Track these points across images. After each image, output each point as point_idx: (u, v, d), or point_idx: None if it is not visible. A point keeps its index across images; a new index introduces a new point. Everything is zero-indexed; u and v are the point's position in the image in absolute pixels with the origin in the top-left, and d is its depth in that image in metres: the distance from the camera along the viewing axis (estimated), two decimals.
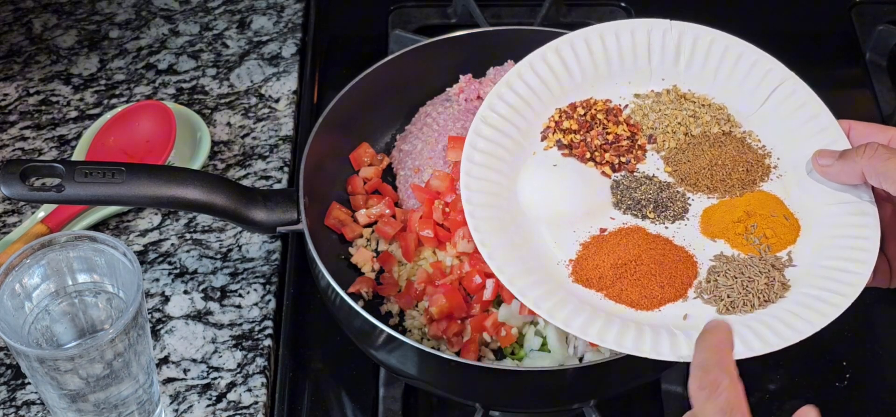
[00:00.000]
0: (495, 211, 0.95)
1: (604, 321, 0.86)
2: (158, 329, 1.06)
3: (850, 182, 0.91)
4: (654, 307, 0.89)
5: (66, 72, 1.29)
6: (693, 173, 0.98)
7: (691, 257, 0.92)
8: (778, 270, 0.90)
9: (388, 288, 1.06)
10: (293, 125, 1.25)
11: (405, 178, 1.13)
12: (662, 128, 1.01)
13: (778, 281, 0.89)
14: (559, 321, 0.86)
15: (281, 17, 1.36)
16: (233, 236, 1.13)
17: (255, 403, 1.01)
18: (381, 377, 1.03)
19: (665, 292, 0.89)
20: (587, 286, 0.91)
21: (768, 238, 0.92)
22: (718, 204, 0.96)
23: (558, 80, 1.02)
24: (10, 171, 0.97)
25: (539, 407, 1.00)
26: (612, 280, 0.90)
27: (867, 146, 0.88)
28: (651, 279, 0.90)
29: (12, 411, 1.00)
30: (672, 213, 0.95)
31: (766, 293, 0.88)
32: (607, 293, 0.90)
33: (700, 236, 0.94)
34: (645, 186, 0.97)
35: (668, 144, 1.00)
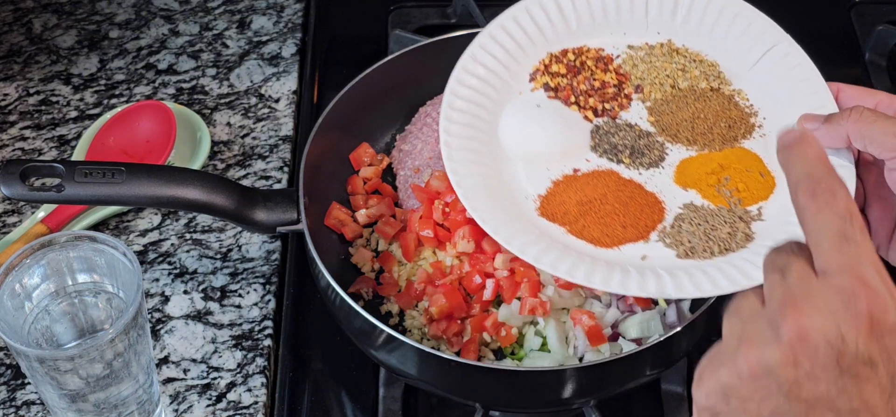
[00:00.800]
0: (473, 143, 0.95)
1: (574, 259, 0.87)
2: (158, 329, 1.06)
3: (835, 146, 0.89)
4: (614, 245, 0.90)
5: (66, 72, 1.29)
6: (675, 124, 0.98)
7: (660, 203, 0.93)
8: (744, 222, 0.90)
9: (388, 288, 1.06)
10: (293, 125, 1.25)
11: (405, 178, 1.13)
12: (650, 79, 1.01)
13: (741, 232, 0.89)
14: (530, 257, 0.86)
15: (281, 17, 1.36)
16: (233, 236, 1.13)
17: (255, 403, 1.01)
18: (381, 377, 1.03)
19: (627, 232, 0.90)
20: (551, 220, 0.91)
21: (740, 192, 0.92)
22: (696, 156, 0.96)
23: (553, 26, 1.03)
24: (10, 171, 0.97)
25: (539, 407, 1.00)
26: (575, 216, 0.91)
27: (853, 110, 0.86)
28: (614, 217, 0.91)
29: (12, 411, 1.00)
30: (648, 160, 0.96)
31: (727, 242, 0.88)
32: (570, 229, 0.91)
33: (672, 185, 0.94)
34: (624, 132, 0.97)
35: (654, 95, 1.00)
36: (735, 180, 0.93)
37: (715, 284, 0.85)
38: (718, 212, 0.91)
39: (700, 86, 1.00)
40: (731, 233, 0.89)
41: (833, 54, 1.35)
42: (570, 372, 0.93)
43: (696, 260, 0.88)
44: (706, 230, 0.89)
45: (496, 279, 1.02)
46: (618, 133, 0.97)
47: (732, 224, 0.90)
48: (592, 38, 1.04)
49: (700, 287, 0.85)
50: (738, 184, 0.93)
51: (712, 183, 0.93)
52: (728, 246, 0.89)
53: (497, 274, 1.03)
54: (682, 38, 1.03)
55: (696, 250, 0.89)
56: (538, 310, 1.00)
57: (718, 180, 0.93)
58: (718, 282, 0.85)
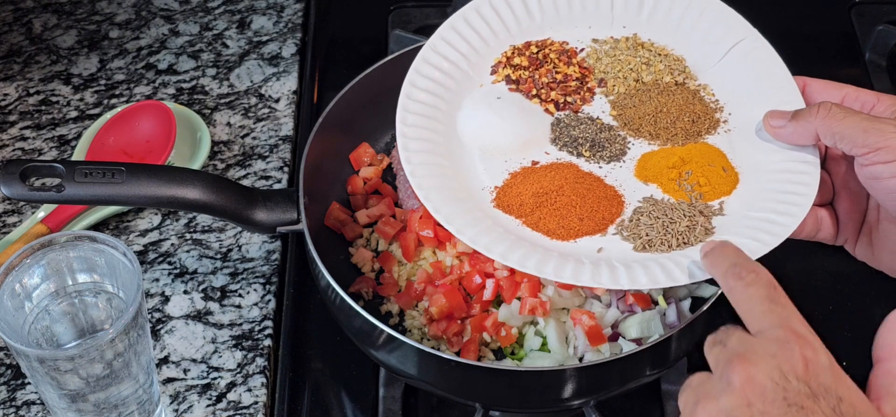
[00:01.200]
0: (429, 133, 0.95)
1: (526, 250, 0.86)
2: (158, 329, 1.06)
3: (803, 143, 0.89)
4: (571, 238, 0.89)
5: (66, 72, 1.29)
6: (637, 118, 0.97)
7: (619, 197, 0.92)
8: (705, 216, 0.89)
9: (388, 288, 1.06)
10: (293, 125, 1.25)
11: (405, 178, 1.13)
12: (614, 73, 1.00)
13: (701, 226, 0.88)
14: (481, 246, 0.86)
15: (281, 17, 1.36)
16: (233, 236, 1.13)
17: (255, 403, 1.01)
18: (381, 377, 1.03)
19: (584, 224, 0.90)
20: (506, 212, 0.91)
21: (701, 186, 0.91)
22: (658, 150, 0.95)
23: (517, 19, 1.02)
24: (10, 171, 0.97)
25: (539, 407, 1.00)
26: (531, 208, 0.90)
27: (820, 106, 0.86)
28: (571, 210, 0.90)
29: (12, 411, 1.00)
30: (609, 154, 0.95)
31: (686, 235, 0.87)
32: (525, 221, 0.90)
33: (633, 179, 0.93)
34: (585, 125, 0.97)
35: (617, 88, 1.00)
36: (697, 174, 0.92)
37: (669, 275, 0.84)
38: (678, 206, 0.90)
39: (664, 80, 0.99)
40: (690, 227, 0.88)
41: (833, 54, 1.35)
42: (570, 372, 0.93)
43: (653, 253, 0.87)
44: (665, 223, 0.88)
45: (496, 279, 1.02)
46: (579, 126, 0.97)
47: (692, 218, 0.88)
48: (557, 31, 1.03)
49: (654, 279, 0.84)
50: (700, 179, 0.91)
51: (674, 177, 0.92)
52: (687, 240, 0.87)
53: (497, 274, 1.03)
54: (647, 32, 1.03)
55: (653, 243, 0.87)
56: (538, 310, 1.00)
57: (680, 175, 0.92)
58: (673, 274, 0.84)
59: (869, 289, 1.11)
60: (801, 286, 1.11)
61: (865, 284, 1.12)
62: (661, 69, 1.00)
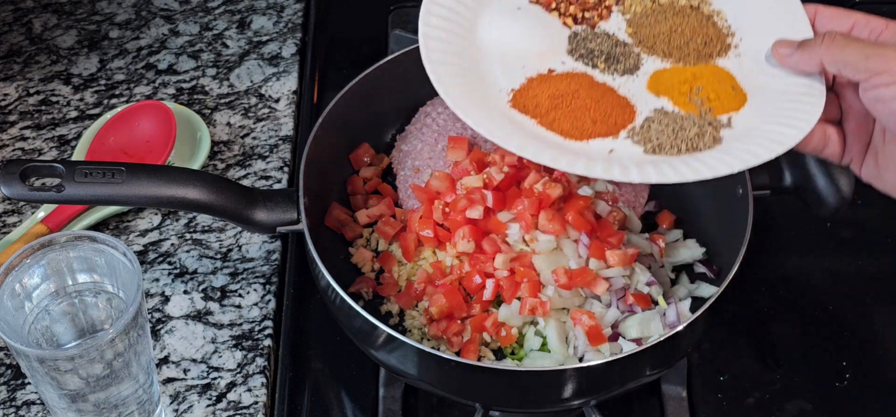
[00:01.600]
0: (451, 36, 0.97)
1: (541, 145, 0.89)
2: (158, 329, 1.06)
3: (809, 71, 0.92)
4: (584, 139, 0.92)
5: (66, 72, 1.29)
6: (652, 36, 0.99)
7: (631, 106, 0.94)
8: (713, 127, 0.92)
9: (388, 288, 1.06)
10: (293, 125, 1.25)
11: (405, 178, 1.13)
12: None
13: (710, 135, 0.91)
14: (498, 139, 0.88)
15: (281, 17, 1.36)
16: (233, 236, 1.13)
17: (255, 403, 1.01)
18: (381, 377, 1.03)
19: (597, 127, 0.92)
20: (523, 112, 0.93)
21: (711, 100, 0.94)
22: (670, 68, 0.97)
23: None
24: (10, 171, 0.97)
25: (539, 407, 1.00)
26: (546, 109, 0.93)
27: (825, 36, 0.89)
28: (584, 112, 0.93)
29: (12, 411, 1.00)
30: (623, 67, 0.97)
31: (695, 141, 0.91)
32: (541, 121, 0.92)
33: (645, 92, 0.96)
34: (602, 39, 0.99)
35: (634, 8, 1.01)
36: (707, 90, 0.94)
37: (678, 173, 0.87)
38: (688, 116, 0.92)
39: (680, 3, 1.01)
40: (699, 134, 0.91)
41: None
42: (570, 372, 0.93)
43: (662, 156, 0.90)
44: (674, 129, 0.91)
45: (496, 279, 1.02)
46: (595, 40, 0.98)
47: (701, 127, 0.91)
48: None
49: (663, 175, 0.87)
50: (710, 94, 0.94)
51: (685, 91, 0.95)
52: (695, 145, 0.90)
53: (497, 274, 1.03)
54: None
55: (663, 147, 0.90)
56: (538, 310, 1.00)
57: (691, 89, 0.95)
58: (682, 171, 0.87)
59: (869, 289, 1.11)
60: (802, 285, 1.11)
61: (865, 284, 1.12)
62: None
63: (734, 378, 1.04)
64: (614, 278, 1.03)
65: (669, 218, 1.11)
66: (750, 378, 1.05)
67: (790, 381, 1.05)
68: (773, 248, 1.14)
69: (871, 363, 1.07)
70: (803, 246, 1.16)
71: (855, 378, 1.05)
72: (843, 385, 1.04)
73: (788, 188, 1.05)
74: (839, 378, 1.05)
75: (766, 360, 1.06)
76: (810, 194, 1.03)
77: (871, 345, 1.08)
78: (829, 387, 1.04)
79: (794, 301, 1.11)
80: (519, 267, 1.02)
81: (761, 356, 1.07)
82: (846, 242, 1.16)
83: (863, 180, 0.94)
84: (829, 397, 1.03)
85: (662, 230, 1.10)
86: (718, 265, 1.05)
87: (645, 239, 1.07)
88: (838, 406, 1.03)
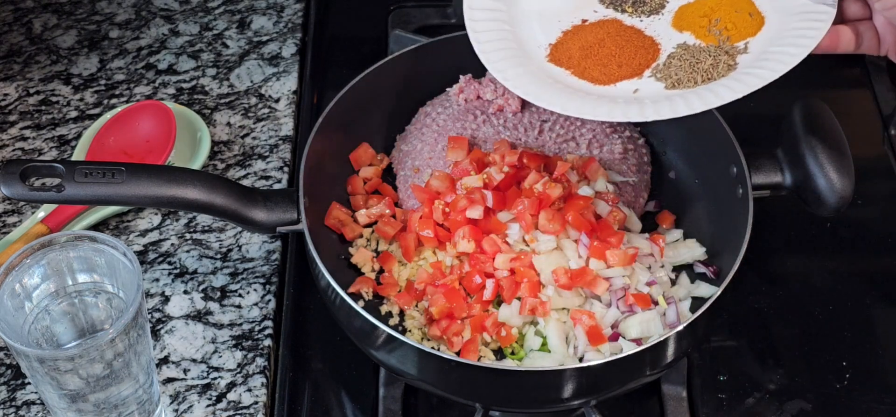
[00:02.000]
0: (493, 2, 1.05)
1: (569, 96, 0.97)
2: (158, 329, 1.06)
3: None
4: (611, 83, 1.00)
5: (66, 72, 1.29)
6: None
7: (656, 45, 1.02)
8: (729, 55, 0.99)
9: (388, 288, 1.06)
10: (293, 125, 1.25)
11: (405, 178, 1.13)
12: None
13: (724, 63, 0.98)
14: (531, 96, 0.97)
15: (281, 17, 1.36)
16: (233, 236, 1.13)
17: (255, 403, 1.01)
18: (381, 377, 1.03)
19: (622, 70, 1.01)
20: (558, 65, 1.02)
21: (729, 30, 1.01)
22: (693, 3, 1.04)
23: None
24: (10, 171, 0.97)
25: (539, 407, 1.00)
26: (578, 59, 1.02)
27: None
28: (611, 59, 1.01)
29: (12, 411, 1.00)
30: (649, 8, 1.06)
31: (710, 72, 0.98)
32: (574, 71, 1.01)
33: (670, 29, 1.04)
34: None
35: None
36: (725, 20, 1.02)
37: (689, 105, 0.94)
38: (706, 49, 1.00)
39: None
40: (713, 64, 0.98)
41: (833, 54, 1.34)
42: (570, 372, 0.93)
43: (680, 89, 0.97)
44: (691, 63, 0.99)
45: (496, 279, 1.02)
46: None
47: (716, 57, 0.99)
48: None
49: (675, 108, 0.94)
50: (728, 24, 1.01)
51: (704, 24, 1.02)
52: (711, 76, 0.98)
53: (497, 274, 1.03)
54: None
55: (682, 81, 0.98)
56: (538, 310, 1.00)
57: (710, 22, 1.02)
58: (692, 103, 0.94)
59: (869, 289, 1.11)
60: (802, 285, 1.12)
61: (865, 284, 1.12)
62: None
63: (734, 378, 1.04)
64: (614, 278, 1.03)
65: (669, 218, 1.11)
66: (750, 378, 1.05)
67: (790, 381, 1.05)
68: (773, 248, 1.14)
69: (871, 363, 1.07)
70: (803, 246, 1.16)
71: (855, 378, 1.05)
72: (843, 385, 1.04)
73: (788, 188, 1.05)
74: (839, 378, 1.05)
75: (766, 360, 1.06)
76: (810, 194, 1.03)
77: (871, 345, 1.08)
78: (829, 387, 1.04)
79: (794, 301, 1.11)
80: (519, 267, 1.02)
81: (761, 357, 1.07)
82: (846, 242, 1.16)
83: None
84: (829, 397, 1.03)
85: (662, 230, 1.10)
86: (718, 265, 1.05)
87: (645, 239, 1.07)
88: (838, 406, 1.03)
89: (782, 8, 1.00)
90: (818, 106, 1.07)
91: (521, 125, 1.14)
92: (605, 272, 1.03)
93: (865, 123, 1.27)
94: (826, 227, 1.16)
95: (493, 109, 1.15)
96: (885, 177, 1.22)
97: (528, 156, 1.09)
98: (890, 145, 1.24)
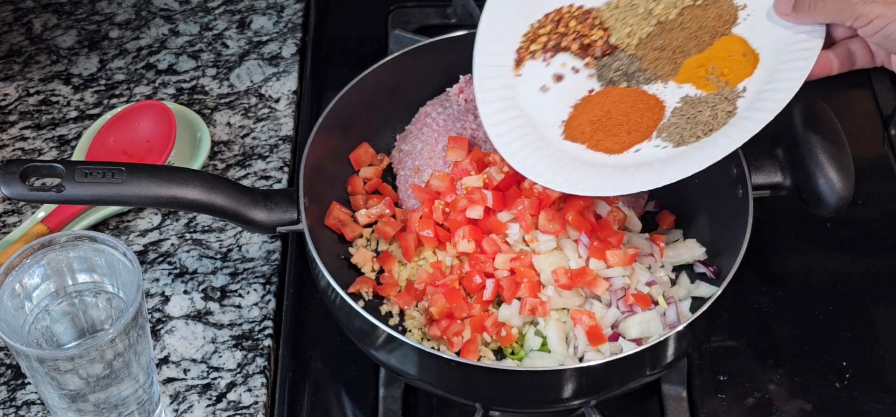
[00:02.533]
0: (504, 102, 1.05)
1: (581, 174, 0.98)
2: (158, 329, 1.06)
3: (808, 23, 0.98)
4: (624, 151, 1.00)
5: (66, 72, 1.29)
6: (661, 57, 1.04)
7: (660, 103, 1.02)
8: (728, 100, 0.99)
9: (388, 288, 1.06)
10: (293, 125, 1.25)
11: (405, 178, 1.13)
12: (628, 23, 1.06)
13: (723, 111, 0.98)
14: (547, 182, 0.98)
15: (281, 17, 1.36)
16: (233, 236, 1.14)
17: (255, 403, 1.01)
18: (381, 377, 1.03)
19: (632, 136, 1.01)
20: (574, 141, 1.02)
21: (725, 75, 1.01)
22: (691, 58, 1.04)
23: None
24: (10, 171, 0.97)
25: (539, 407, 1.00)
26: (590, 133, 1.02)
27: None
28: (620, 127, 1.02)
29: (12, 411, 1.00)
30: (645, 78, 1.04)
31: (710, 123, 0.98)
32: (589, 145, 1.02)
33: (672, 84, 1.03)
34: (619, 62, 1.05)
35: (632, 39, 1.05)
36: (720, 67, 1.02)
37: (695, 162, 0.94)
38: (705, 99, 1.00)
39: (671, 14, 1.05)
40: (712, 115, 0.98)
41: None
42: (570, 372, 0.93)
43: (686, 146, 0.98)
44: (689, 118, 0.99)
45: (496, 279, 1.02)
46: (613, 65, 1.05)
47: (714, 107, 0.99)
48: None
49: (683, 169, 0.94)
50: (724, 70, 1.01)
51: (702, 74, 1.02)
52: (711, 127, 0.98)
53: (497, 274, 1.03)
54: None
55: (685, 138, 0.98)
56: (538, 310, 1.00)
57: (707, 71, 1.02)
58: (697, 160, 0.95)
59: (869, 289, 1.11)
60: (802, 285, 1.12)
61: (865, 284, 1.12)
62: (670, 3, 1.06)
63: (734, 378, 1.04)
64: (614, 278, 1.03)
65: (669, 218, 1.11)
66: (750, 378, 1.05)
67: (790, 381, 1.05)
68: (773, 248, 1.14)
69: (871, 363, 1.07)
70: (803, 246, 1.16)
71: (855, 378, 1.05)
72: (843, 384, 1.04)
73: (788, 188, 1.05)
74: (839, 378, 1.05)
75: (766, 360, 1.06)
76: (810, 194, 1.03)
77: (871, 345, 1.08)
78: (829, 387, 1.04)
79: (794, 301, 1.11)
80: (519, 267, 1.02)
81: (761, 357, 1.07)
82: (846, 242, 1.16)
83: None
84: (829, 397, 1.03)
85: (662, 230, 1.10)
86: (718, 265, 1.05)
87: (645, 239, 1.07)
88: (838, 406, 1.03)
89: (773, 42, 1.00)
90: (818, 106, 1.07)
91: None
92: (605, 272, 1.03)
93: (865, 123, 1.27)
94: (826, 227, 1.16)
95: None
96: (885, 177, 1.22)
97: None
98: (890, 145, 1.25)
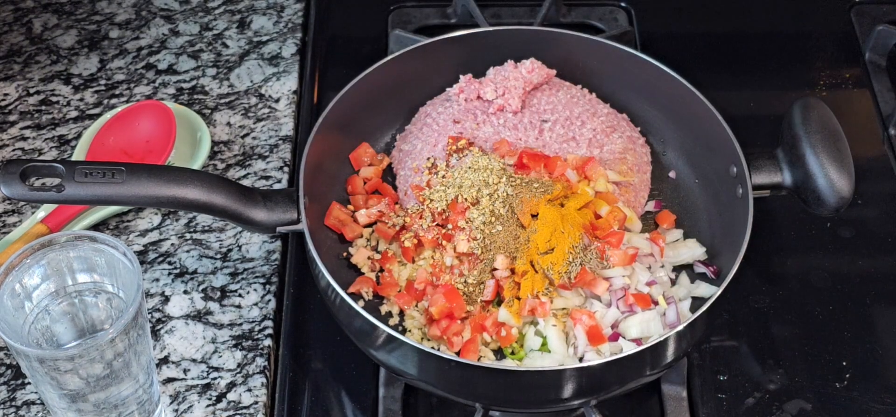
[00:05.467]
0: None
1: None
2: (158, 329, 1.06)
3: None
4: None
5: (66, 72, 1.29)
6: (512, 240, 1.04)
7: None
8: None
9: (387, 288, 1.06)
10: (293, 125, 1.25)
11: (405, 178, 1.13)
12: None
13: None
14: None
15: (281, 17, 1.36)
16: (233, 236, 1.13)
17: (255, 403, 1.01)
18: (381, 377, 1.03)
19: None
20: None
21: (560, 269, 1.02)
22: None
23: None
24: (10, 171, 0.97)
25: (539, 407, 1.00)
26: None
27: None
28: None
29: (12, 411, 1.00)
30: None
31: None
32: None
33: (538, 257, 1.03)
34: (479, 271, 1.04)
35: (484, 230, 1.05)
36: (559, 248, 1.03)
37: None
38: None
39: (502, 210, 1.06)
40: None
41: (833, 54, 1.35)
42: (570, 372, 0.93)
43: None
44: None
45: (496, 279, 1.02)
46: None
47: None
48: None
49: None
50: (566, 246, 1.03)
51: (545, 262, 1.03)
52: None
53: (497, 274, 1.03)
54: None
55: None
56: (538, 310, 1.00)
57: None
58: None
59: (869, 289, 1.11)
60: (802, 285, 1.12)
61: (865, 284, 1.12)
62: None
63: (734, 378, 1.04)
64: (614, 278, 1.03)
65: (669, 218, 1.11)
66: (750, 378, 1.05)
67: (790, 381, 1.05)
68: (773, 248, 1.14)
69: (871, 363, 1.07)
70: (803, 246, 1.16)
71: (855, 378, 1.05)
72: (843, 384, 1.04)
73: (788, 188, 1.05)
74: (839, 378, 1.05)
75: (766, 360, 1.06)
76: (810, 194, 1.03)
77: (871, 345, 1.08)
78: (829, 387, 1.04)
79: (794, 301, 1.11)
80: (519, 267, 1.02)
81: (761, 357, 1.07)
82: (846, 242, 1.16)
83: None
84: (829, 397, 1.03)
85: (662, 230, 1.10)
86: (718, 265, 1.05)
87: (645, 239, 1.07)
88: (838, 406, 1.03)
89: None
90: (818, 106, 1.07)
91: (521, 125, 1.14)
92: (605, 272, 1.03)
93: (865, 123, 1.27)
94: (826, 227, 1.16)
95: (493, 109, 1.15)
96: (885, 177, 1.22)
97: (529, 156, 1.09)
98: (890, 145, 1.25)
